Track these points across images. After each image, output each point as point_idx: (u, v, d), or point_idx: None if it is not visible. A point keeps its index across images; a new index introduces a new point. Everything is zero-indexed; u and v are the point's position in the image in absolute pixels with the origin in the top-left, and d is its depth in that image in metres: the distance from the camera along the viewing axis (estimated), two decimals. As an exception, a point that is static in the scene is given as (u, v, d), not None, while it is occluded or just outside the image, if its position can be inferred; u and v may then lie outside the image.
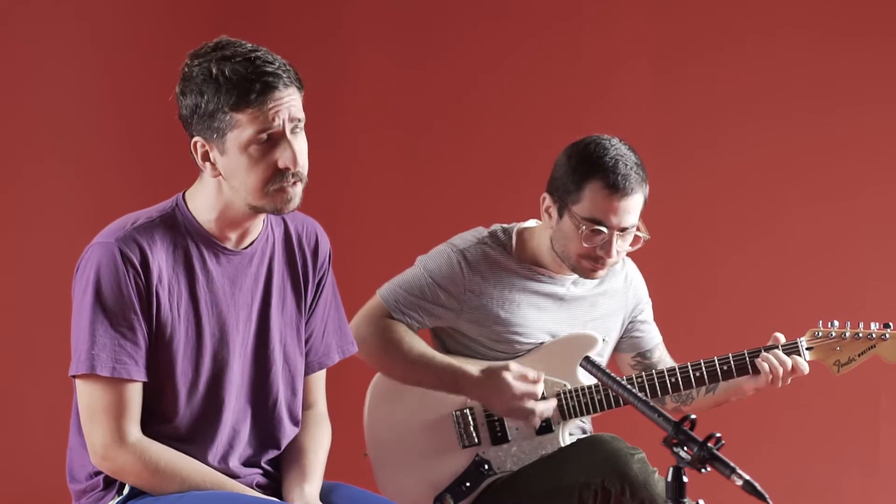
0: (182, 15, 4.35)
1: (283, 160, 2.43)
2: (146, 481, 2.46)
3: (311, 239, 2.68)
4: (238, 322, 2.55)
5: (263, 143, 2.42)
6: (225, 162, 2.45)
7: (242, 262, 2.56)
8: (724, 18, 4.48)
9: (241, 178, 2.44)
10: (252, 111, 2.40)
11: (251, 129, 2.40)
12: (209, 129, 2.43)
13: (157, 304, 2.46)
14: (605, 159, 3.01)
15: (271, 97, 2.40)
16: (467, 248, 3.15)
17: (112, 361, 2.42)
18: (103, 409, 2.44)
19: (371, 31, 4.52)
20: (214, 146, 2.44)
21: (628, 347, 3.31)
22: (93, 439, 2.46)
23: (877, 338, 3.17)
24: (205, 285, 2.51)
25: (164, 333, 2.47)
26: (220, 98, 2.39)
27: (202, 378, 2.52)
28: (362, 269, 3.70)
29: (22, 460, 4.18)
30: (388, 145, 4.53)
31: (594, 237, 3.02)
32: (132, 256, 2.43)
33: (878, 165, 4.44)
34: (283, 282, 2.63)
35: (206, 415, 2.53)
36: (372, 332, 3.13)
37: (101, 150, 4.33)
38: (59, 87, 4.26)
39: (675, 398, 3.24)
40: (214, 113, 2.41)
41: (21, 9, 4.20)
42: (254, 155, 2.42)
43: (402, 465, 3.17)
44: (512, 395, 3.03)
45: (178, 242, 2.50)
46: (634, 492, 2.96)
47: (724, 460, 2.15)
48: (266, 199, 2.45)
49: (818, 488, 4.45)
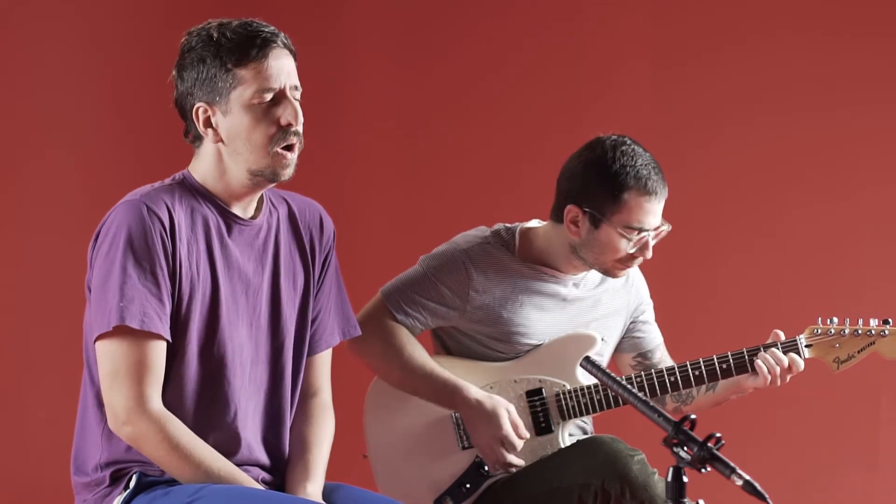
0: (182, 14, 4.34)
1: (285, 117, 2.49)
2: (164, 454, 2.45)
3: (314, 217, 2.71)
4: (247, 291, 2.57)
5: (266, 101, 2.48)
6: (228, 123, 2.49)
7: (251, 232, 2.59)
8: (723, 18, 4.48)
9: (244, 137, 2.49)
10: (255, 66, 2.47)
11: (254, 86, 2.47)
12: (212, 91, 2.48)
13: (180, 263, 2.48)
14: (637, 168, 3.03)
15: (272, 55, 2.49)
16: (471, 248, 3.15)
17: (141, 314, 2.42)
18: (127, 369, 2.43)
19: (371, 30, 4.52)
20: (217, 108, 2.49)
21: (629, 348, 3.31)
22: (114, 403, 2.44)
23: (876, 334, 3.17)
24: (220, 250, 2.54)
25: (185, 293, 2.49)
26: (222, 58, 2.47)
27: (216, 341, 2.53)
28: (363, 269, 3.70)
29: (22, 460, 4.18)
30: (389, 144, 4.53)
31: (636, 241, 3.05)
32: (159, 213, 2.46)
33: (877, 164, 4.44)
34: (292, 256, 2.66)
35: (216, 379, 2.54)
36: (374, 332, 3.13)
37: (101, 149, 4.33)
38: (58, 86, 4.26)
39: (675, 398, 3.24)
40: (217, 74, 2.47)
41: (21, 8, 4.20)
42: (257, 112, 2.48)
43: (401, 466, 3.17)
44: (497, 435, 3.06)
45: (195, 207, 2.53)
46: (634, 493, 2.95)
47: (724, 460, 2.15)
48: (266, 161, 2.49)
49: (818, 488, 4.45)
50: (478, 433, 3.08)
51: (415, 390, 3.13)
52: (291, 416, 2.67)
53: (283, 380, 2.64)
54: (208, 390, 2.53)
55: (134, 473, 2.50)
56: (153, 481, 2.49)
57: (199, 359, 2.52)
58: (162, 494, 2.46)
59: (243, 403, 2.57)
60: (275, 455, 2.65)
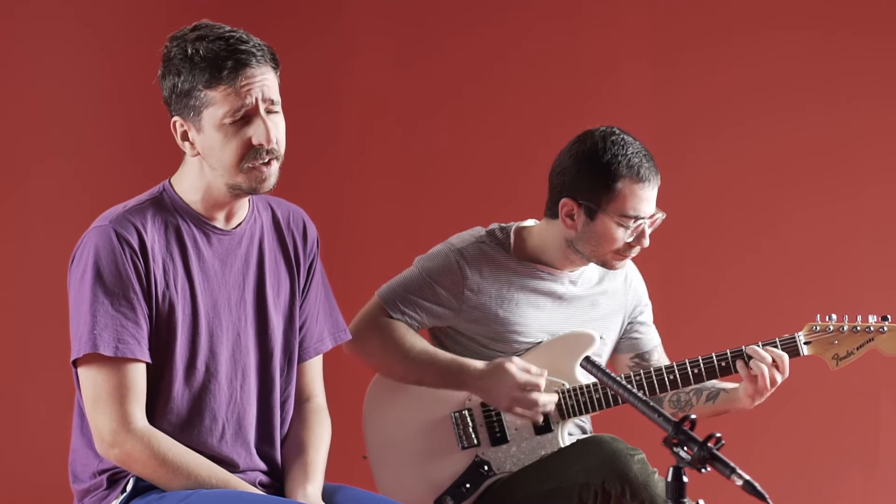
0: (183, 14, 4.33)
1: (256, 136, 2.47)
2: (153, 471, 2.46)
3: (298, 223, 2.71)
4: (230, 302, 2.57)
5: (237, 120, 2.47)
6: (202, 140, 2.49)
7: (232, 242, 2.58)
8: (723, 16, 4.48)
9: (216, 155, 2.49)
10: (224, 88, 2.45)
11: (225, 107, 2.46)
12: (186, 107, 2.48)
13: (155, 283, 2.48)
14: (628, 156, 3.03)
15: (243, 74, 2.46)
16: (465, 247, 3.15)
17: (115, 341, 2.43)
18: (108, 393, 2.44)
19: (371, 29, 4.52)
20: (192, 125, 2.49)
21: (627, 348, 3.31)
22: (99, 426, 2.46)
23: (875, 331, 3.16)
24: (197, 264, 2.54)
25: (164, 312, 2.49)
26: (194, 76, 2.46)
27: (199, 356, 2.53)
28: (361, 270, 3.71)
29: (22, 460, 4.18)
30: (388, 144, 4.53)
31: (633, 229, 3.05)
32: (128, 237, 2.47)
33: (877, 162, 4.44)
34: (277, 264, 2.65)
35: (203, 395, 2.54)
36: (371, 331, 3.13)
37: (102, 150, 4.33)
38: (59, 86, 4.26)
39: (674, 404, 3.24)
40: (190, 91, 2.47)
41: (21, 8, 4.20)
42: (228, 132, 2.47)
43: (401, 467, 3.17)
44: (515, 384, 3.04)
45: (170, 222, 2.53)
46: (634, 492, 2.95)
47: (724, 460, 2.15)
48: (241, 177, 2.49)
49: (818, 488, 4.45)
50: (497, 396, 3.07)
51: (419, 379, 3.13)
52: (285, 424, 2.67)
53: (273, 388, 2.64)
54: (195, 405, 2.54)
55: (131, 477, 2.50)
56: (149, 486, 2.49)
57: (185, 375, 2.52)
58: (157, 499, 2.46)
59: (233, 415, 2.58)
60: (270, 462, 2.65)
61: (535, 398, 3.05)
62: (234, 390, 2.58)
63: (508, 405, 3.07)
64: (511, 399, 3.05)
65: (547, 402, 3.07)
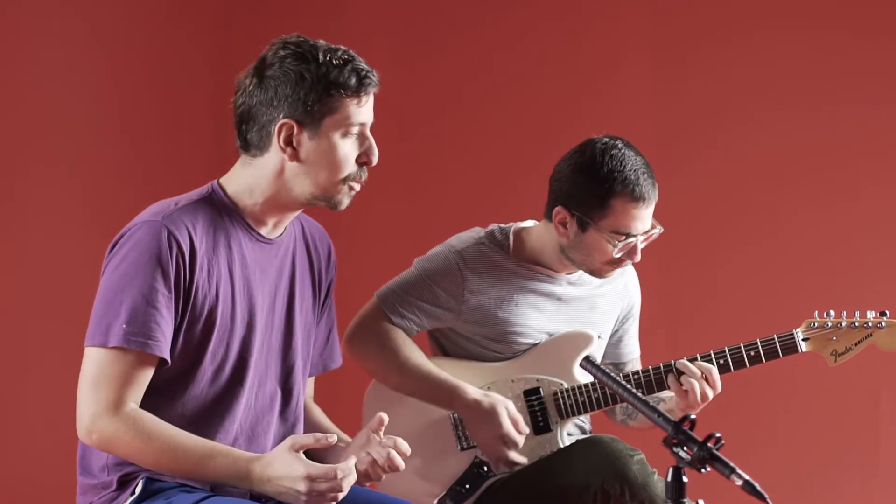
0: (184, 14, 4.35)
1: (370, 155, 2.53)
2: (137, 449, 2.43)
3: (324, 243, 2.74)
4: (263, 308, 2.58)
5: (355, 133, 2.51)
6: (313, 146, 2.49)
7: (273, 251, 2.60)
8: (724, 16, 4.48)
9: (325, 163, 2.50)
10: (355, 99, 2.48)
11: (350, 118, 2.49)
12: (304, 111, 2.47)
13: (197, 284, 2.48)
14: (625, 173, 3.01)
15: (368, 91, 2.50)
16: (465, 249, 3.15)
17: (144, 337, 2.42)
18: (110, 377, 2.42)
19: (370, 29, 4.52)
20: (305, 129, 2.48)
21: (607, 355, 3.31)
22: (83, 410, 2.43)
23: (873, 326, 3.16)
24: (240, 269, 2.54)
25: (202, 313, 2.49)
26: (327, 81, 2.46)
27: (230, 359, 2.54)
28: (361, 271, 3.70)
29: (22, 460, 4.18)
30: (388, 144, 4.50)
31: (623, 246, 3.04)
32: (179, 237, 2.46)
33: (877, 160, 4.44)
34: (304, 279, 2.67)
35: (226, 397, 2.54)
36: (370, 336, 3.13)
37: (102, 150, 4.33)
38: (59, 87, 4.26)
39: (623, 410, 3.25)
40: (316, 96, 2.46)
41: (21, 8, 4.20)
42: (348, 143, 2.50)
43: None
44: (497, 433, 3.05)
45: (219, 224, 2.53)
46: (634, 493, 2.96)
47: (724, 460, 2.15)
48: (336, 189, 2.52)
49: (818, 488, 4.45)
50: (478, 433, 3.08)
51: (412, 392, 3.13)
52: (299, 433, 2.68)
53: (295, 398, 2.66)
54: (216, 407, 2.54)
55: (141, 479, 2.49)
56: (160, 488, 2.49)
57: (212, 376, 2.53)
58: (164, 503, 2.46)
59: (247, 420, 2.58)
60: None
61: (508, 454, 3.07)
62: (251, 397, 2.59)
63: (482, 445, 3.09)
64: (489, 442, 3.07)
65: (517, 461, 3.08)
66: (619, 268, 3.11)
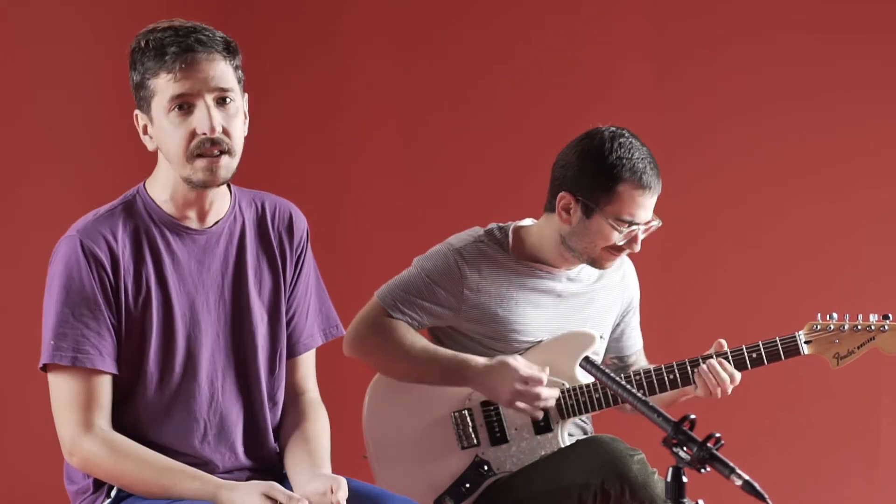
0: (184, 15, 4.33)
1: (199, 126, 2.43)
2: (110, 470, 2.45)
3: (284, 216, 2.67)
4: (208, 302, 2.55)
5: (183, 109, 2.43)
6: (156, 132, 2.48)
7: (209, 241, 2.56)
8: (724, 16, 4.48)
9: (166, 146, 2.47)
10: (166, 75, 2.42)
11: (167, 94, 2.43)
12: (142, 100, 2.47)
13: (125, 292, 2.47)
14: (633, 161, 3.03)
15: (185, 59, 2.42)
16: (464, 247, 3.15)
17: (73, 351, 2.43)
18: (69, 402, 2.45)
19: (370, 30, 4.52)
20: (147, 117, 2.48)
21: (610, 349, 3.32)
22: (62, 433, 2.47)
23: (876, 329, 3.16)
24: (171, 267, 2.52)
25: (136, 319, 2.48)
26: (144, 66, 2.44)
27: (176, 359, 2.52)
28: (360, 270, 3.70)
29: (22, 460, 4.18)
30: (388, 145, 4.53)
31: (627, 233, 3.05)
32: (94, 248, 2.45)
33: (879, 162, 4.44)
34: (258, 261, 2.62)
35: (181, 397, 2.53)
36: (372, 331, 3.13)
37: (102, 150, 4.33)
38: (59, 87, 4.26)
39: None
40: (142, 83, 2.46)
41: (21, 8, 4.20)
42: (174, 121, 2.44)
43: (401, 467, 3.17)
44: (518, 378, 3.04)
45: (141, 227, 2.51)
46: (634, 493, 2.96)
47: (724, 460, 2.15)
48: (190, 169, 2.45)
49: (818, 488, 4.45)
50: (499, 391, 3.07)
51: (421, 377, 3.13)
52: (273, 421, 2.66)
53: (259, 386, 2.62)
54: (173, 407, 2.53)
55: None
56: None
57: (160, 378, 2.52)
58: None
59: (215, 415, 2.57)
60: (261, 461, 2.64)
61: (538, 392, 3.05)
62: (214, 391, 2.57)
63: (510, 399, 3.07)
64: (513, 393, 3.05)
65: (549, 396, 3.07)
66: (618, 257, 3.11)
